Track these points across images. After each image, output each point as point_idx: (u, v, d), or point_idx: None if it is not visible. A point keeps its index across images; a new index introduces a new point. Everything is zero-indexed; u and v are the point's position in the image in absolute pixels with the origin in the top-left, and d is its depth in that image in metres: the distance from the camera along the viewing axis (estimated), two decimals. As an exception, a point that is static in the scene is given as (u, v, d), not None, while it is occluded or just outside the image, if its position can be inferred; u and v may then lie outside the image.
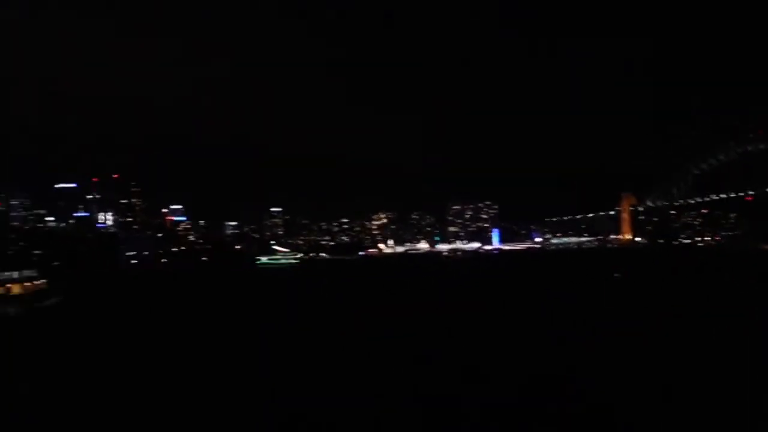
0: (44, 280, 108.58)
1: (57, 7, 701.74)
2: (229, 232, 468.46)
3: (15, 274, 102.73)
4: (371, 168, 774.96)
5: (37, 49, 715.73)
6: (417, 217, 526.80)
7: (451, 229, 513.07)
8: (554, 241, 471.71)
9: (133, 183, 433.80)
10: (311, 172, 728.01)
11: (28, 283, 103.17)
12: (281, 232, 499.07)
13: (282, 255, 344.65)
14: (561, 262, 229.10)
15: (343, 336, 55.92)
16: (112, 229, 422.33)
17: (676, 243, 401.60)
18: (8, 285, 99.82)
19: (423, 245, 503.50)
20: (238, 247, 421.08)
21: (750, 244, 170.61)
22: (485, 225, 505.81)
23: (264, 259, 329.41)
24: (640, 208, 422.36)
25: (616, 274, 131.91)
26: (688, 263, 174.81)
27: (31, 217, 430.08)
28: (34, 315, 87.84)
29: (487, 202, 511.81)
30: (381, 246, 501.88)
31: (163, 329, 69.26)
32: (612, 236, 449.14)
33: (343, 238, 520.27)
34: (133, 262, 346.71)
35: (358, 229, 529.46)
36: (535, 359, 43.61)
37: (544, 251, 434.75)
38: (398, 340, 52.88)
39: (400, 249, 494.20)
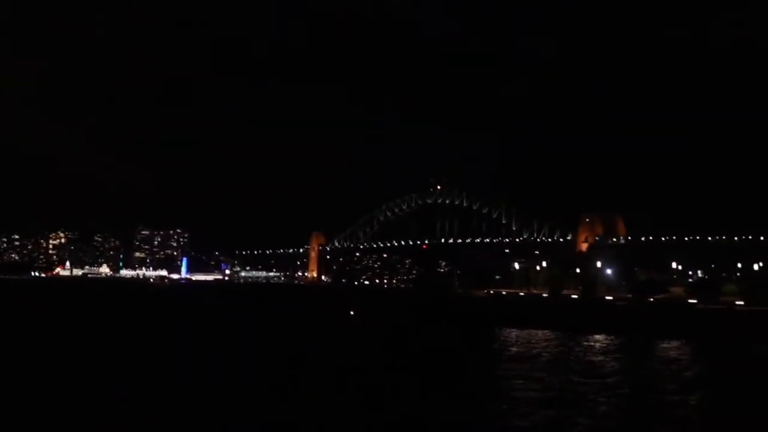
0: None
1: None
2: None
3: None
4: (52, 180, 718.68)
5: None
6: (100, 239, 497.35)
7: (138, 254, 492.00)
8: (243, 273, 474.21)
9: None
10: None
11: None
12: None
13: None
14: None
15: None
16: None
17: (357, 283, 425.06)
18: None
19: (105, 269, 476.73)
20: None
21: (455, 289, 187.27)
22: (174, 253, 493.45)
23: None
24: (328, 248, 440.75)
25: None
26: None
27: None
28: None
29: (178, 230, 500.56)
30: (58, 268, 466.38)
31: None
32: (299, 273, 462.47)
33: (12, 256, 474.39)
34: None
35: (31, 247, 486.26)
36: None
37: (231, 283, 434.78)
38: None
39: (78, 272, 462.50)
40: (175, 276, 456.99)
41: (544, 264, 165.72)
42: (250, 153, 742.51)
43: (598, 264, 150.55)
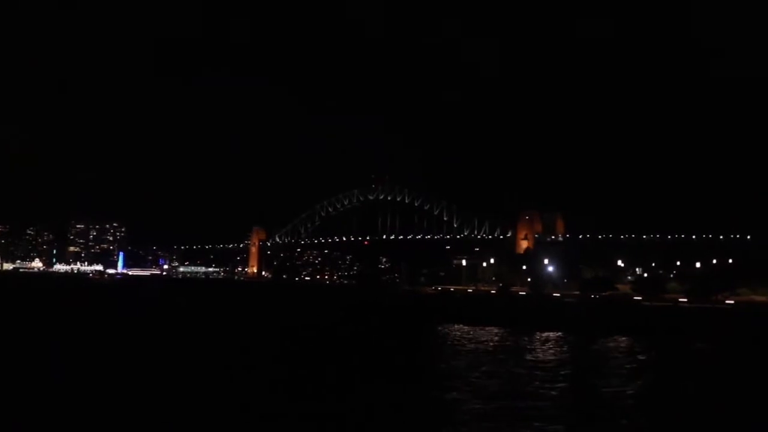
0: None
1: None
2: None
3: None
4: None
5: None
6: (33, 232, 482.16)
7: (72, 249, 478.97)
8: (182, 269, 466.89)
9: None
10: None
11: None
12: None
13: None
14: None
15: None
16: None
17: (298, 279, 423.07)
18: None
19: (37, 264, 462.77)
20: None
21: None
22: (110, 247, 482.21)
23: None
24: (269, 243, 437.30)
25: None
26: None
27: None
28: None
29: (115, 224, 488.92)
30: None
31: None
32: (239, 268, 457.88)
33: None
34: None
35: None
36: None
37: (169, 278, 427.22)
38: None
39: (9, 266, 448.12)
40: (111, 271, 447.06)
41: (491, 261, 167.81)
42: (189, 148, 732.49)
43: (545, 261, 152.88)
